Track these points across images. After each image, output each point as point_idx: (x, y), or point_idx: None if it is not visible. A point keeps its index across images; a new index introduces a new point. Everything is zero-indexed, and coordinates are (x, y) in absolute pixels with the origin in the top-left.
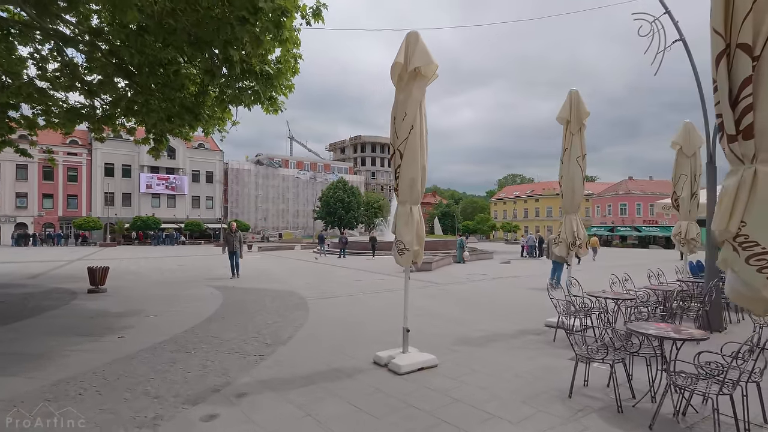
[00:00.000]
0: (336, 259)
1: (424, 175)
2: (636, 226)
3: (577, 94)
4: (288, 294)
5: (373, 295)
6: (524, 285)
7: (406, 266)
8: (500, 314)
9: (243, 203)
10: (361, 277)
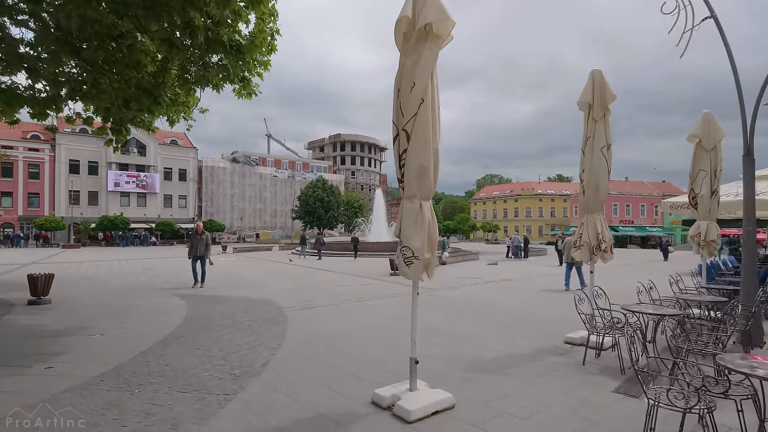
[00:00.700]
0: (314, 261)
1: (437, 162)
2: (613, 227)
3: (601, 75)
4: (264, 304)
5: (361, 304)
6: (520, 290)
7: (416, 280)
8: (507, 327)
9: (218, 202)
10: (345, 282)
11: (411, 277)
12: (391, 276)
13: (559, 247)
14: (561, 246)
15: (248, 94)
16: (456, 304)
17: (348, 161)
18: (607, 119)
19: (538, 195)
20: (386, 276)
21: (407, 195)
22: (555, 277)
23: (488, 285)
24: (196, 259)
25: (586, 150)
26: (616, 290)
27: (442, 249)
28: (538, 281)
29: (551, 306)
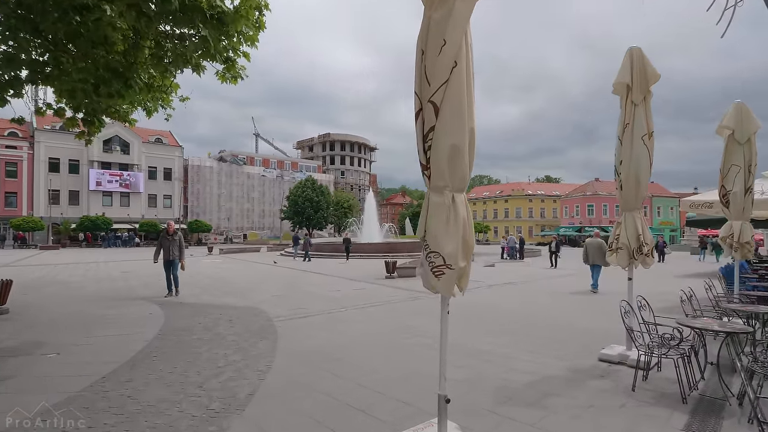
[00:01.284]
0: (301, 262)
1: (473, 143)
2: (603, 227)
3: (640, 52)
4: (250, 312)
5: (359, 312)
6: (527, 294)
7: (447, 295)
8: (527, 340)
9: (204, 202)
10: (338, 286)
11: (441, 292)
12: (387, 279)
13: (553, 248)
14: (554, 248)
15: (233, 78)
16: (464, 312)
17: (337, 161)
18: (648, 103)
19: (528, 195)
20: (382, 279)
21: (435, 186)
22: (558, 280)
23: (492, 289)
24: (169, 264)
25: (624, 139)
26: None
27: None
28: (543, 285)
29: (567, 313)
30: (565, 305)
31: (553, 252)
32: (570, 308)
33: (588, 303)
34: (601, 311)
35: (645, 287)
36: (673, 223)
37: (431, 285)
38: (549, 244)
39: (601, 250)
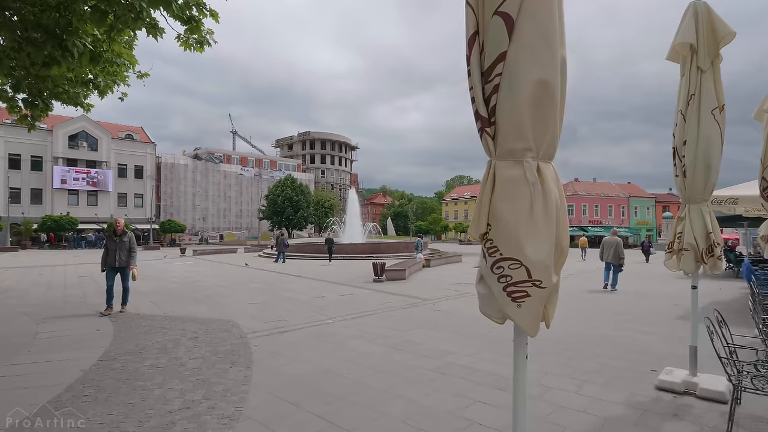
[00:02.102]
0: (284, 265)
1: (564, 83)
2: (583, 227)
3: (706, 7)
4: (221, 327)
5: (350, 324)
6: None
7: (531, 331)
8: (561, 361)
9: (179, 201)
10: (323, 291)
11: (522, 324)
12: (375, 283)
13: None
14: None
15: (198, 45)
16: (469, 323)
17: (318, 160)
18: (718, 69)
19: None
20: (369, 283)
21: (507, 150)
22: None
23: None
24: (115, 272)
25: (688, 114)
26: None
27: (416, 250)
28: None
29: (591, 321)
30: (583, 312)
31: None
32: (590, 315)
33: (606, 307)
34: (624, 317)
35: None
36: (650, 222)
37: (505, 313)
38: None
39: (618, 249)
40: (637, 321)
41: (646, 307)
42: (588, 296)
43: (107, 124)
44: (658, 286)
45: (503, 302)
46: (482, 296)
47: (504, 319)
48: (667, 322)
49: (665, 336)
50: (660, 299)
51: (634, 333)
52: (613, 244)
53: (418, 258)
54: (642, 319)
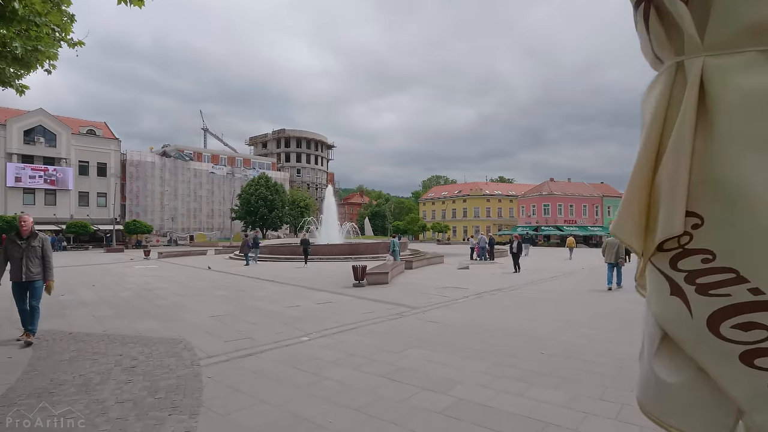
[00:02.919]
0: (256, 268)
1: None
2: (558, 226)
3: None
4: (170, 350)
5: (330, 343)
6: (528, 306)
7: None
8: (589, 388)
9: (145, 201)
10: (298, 299)
11: None
12: (356, 288)
13: (514, 249)
14: (515, 248)
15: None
16: (467, 338)
17: (293, 158)
18: None
19: (486, 195)
20: (349, 287)
21: (743, 23)
22: (547, 284)
23: (483, 299)
24: (22, 288)
25: None
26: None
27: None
28: (533, 291)
29: (594, 333)
30: (582, 318)
31: (514, 253)
32: (589, 324)
33: (606, 313)
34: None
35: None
36: None
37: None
38: (509, 244)
39: (620, 249)
40: (629, 330)
41: None
42: (575, 304)
43: (67, 118)
44: None
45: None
46: (666, 388)
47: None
48: None
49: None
50: None
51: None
52: (616, 244)
53: (388, 260)
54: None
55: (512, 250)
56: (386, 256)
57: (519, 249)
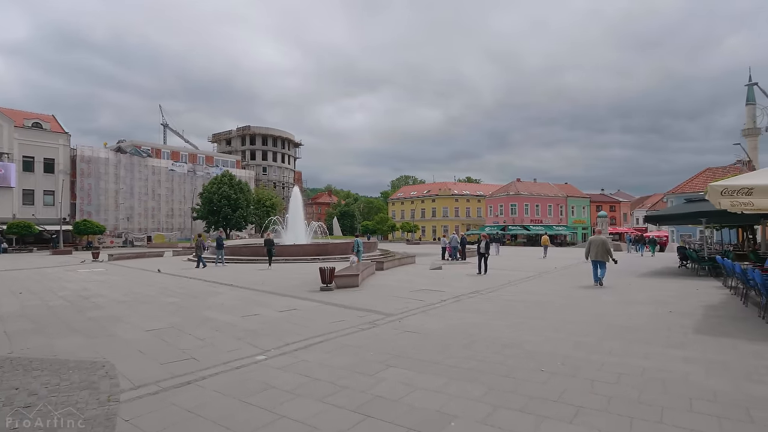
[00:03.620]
0: (216, 270)
1: None
2: (525, 225)
3: None
4: (84, 379)
5: (292, 362)
6: (516, 312)
7: None
8: (618, 427)
9: (98, 200)
10: (257, 306)
11: None
12: (323, 292)
13: (482, 249)
14: (483, 248)
15: None
16: (453, 351)
17: (259, 156)
18: None
19: (455, 195)
20: (315, 291)
21: None
22: (524, 284)
23: (462, 303)
24: None
25: None
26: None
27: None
28: (513, 293)
29: (586, 343)
30: (570, 324)
31: (482, 254)
32: (579, 331)
33: (600, 318)
34: (635, 334)
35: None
36: (585, 221)
37: None
38: (477, 244)
39: (604, 247)
40: (655, 340)
41: (642, 316)
42: (565, 308)
43: (9, 110)
44: (633, 289)
45: None
46: None
47: None
48: (691, 337)
49: (710, 363)
50: (645, 305)
51: (672, 361)
52: (600, 243)
53: (352, 261)
54: (657, 335)
55: (479, 250)
56: (351, 258)
57: (487, 249)
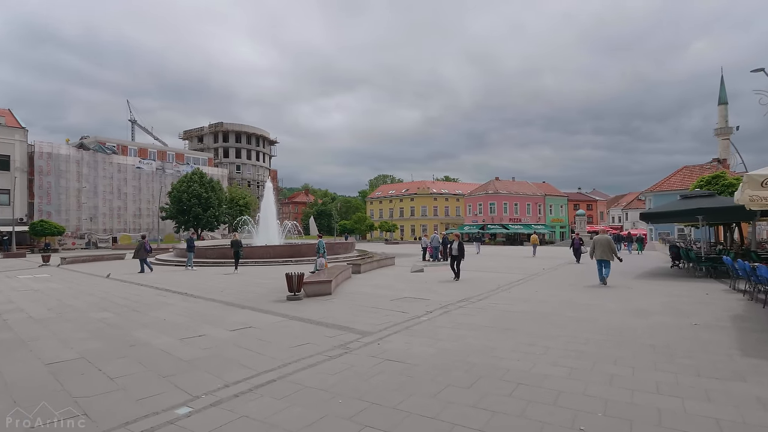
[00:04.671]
0: (174, 274)
1: None
2: (504, 224)
3: None
4: None
5: (225, 421)
6: (511, 329)
7: None
8: None
9: (59, 199)
10: (206, 323)
11: None
12: (290, 302)
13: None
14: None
15: None
16: (449, 392)
17: (232, 154)
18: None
19: (433, 194)
20: (282, 301)
21: None
22: (516, 289)
23: (451, 316)
24: None
25: None
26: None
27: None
28: (506, 300)
29: (623, 376)
30: (589, 344)
31: (455, 257)
32: (606, 355)
33: (611, 331)
34: (669, 356)
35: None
36: (563, 220)
37: None
38: (449, 245)
39: (609, 246)
40: (703, 368)
41: (666, 330)
42: (571, 321)
43: None
44: (636, 293)
45: None
46: None
47: None
48: (742, 363)
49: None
50: (661, 315)
51: (748, 407)
52: (606, 242)
53: (319, 264)
54: (699, 359)
55: (451, 252)
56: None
57: (460, 251)
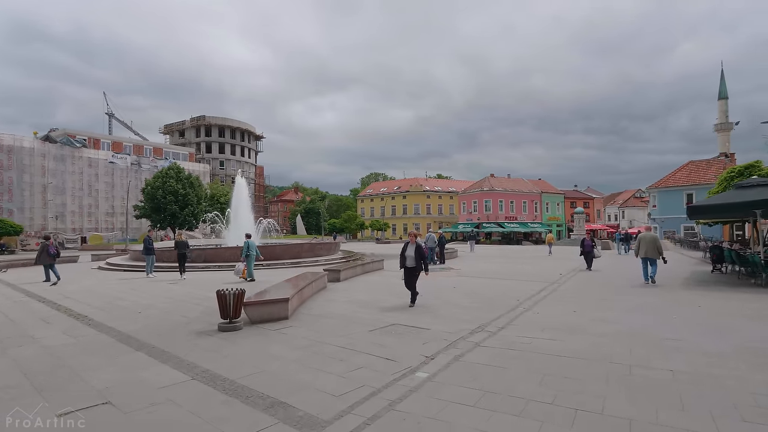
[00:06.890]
0: (50, 284)
1: None
2: (499, 222)
3: None
4: None
5: None
6: (571, 399)
7: None
8: None
9: (22, 196)
10: (31, 397)
11: None
12: (222, 333)
13: (409, 263)
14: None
15: None
16: None
17: (216, 149)
18: None
19: (426, 192)
20: (209, 333)
21: None
22: (542, 308)
23: (467, 368)
24: None
25: None
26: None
27: (248, 261)
28: (543, 327)
29: None
30: None
31: (410, 269)
32: None
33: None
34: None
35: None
36: (560, 218)
37: None
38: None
39: (655, 244)
40: None
41: None
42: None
43: None
44: (723, 324)
45: None
46: None
47: None
48: None
49: None
50: None
51: None
52: (651, 240)
53: (237, 269)
54: None
55: (404, 262)
56: (236, 266)
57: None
